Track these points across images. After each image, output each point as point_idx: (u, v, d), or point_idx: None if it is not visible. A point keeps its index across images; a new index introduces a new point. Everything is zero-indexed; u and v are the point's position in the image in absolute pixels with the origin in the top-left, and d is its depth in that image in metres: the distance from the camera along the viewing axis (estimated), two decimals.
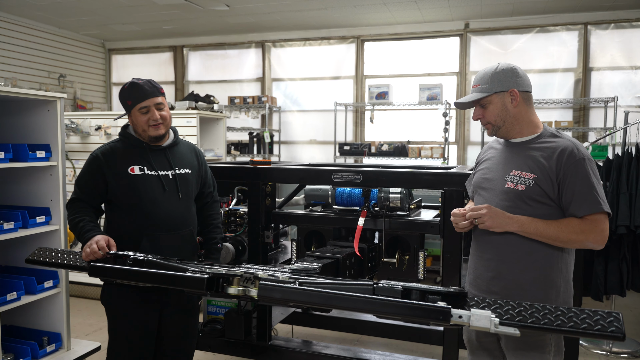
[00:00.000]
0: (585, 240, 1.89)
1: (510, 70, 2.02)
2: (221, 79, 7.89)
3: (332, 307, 1.58)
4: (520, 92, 2.01)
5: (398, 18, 6.58)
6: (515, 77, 2.01)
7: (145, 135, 2.39)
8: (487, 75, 2.03)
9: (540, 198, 1.92)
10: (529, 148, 2.00)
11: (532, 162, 1.95)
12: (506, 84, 2.00)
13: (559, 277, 1.97)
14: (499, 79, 2.00)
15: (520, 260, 1.96)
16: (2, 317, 3.11)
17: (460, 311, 1.51)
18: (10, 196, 3.30)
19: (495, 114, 2.02)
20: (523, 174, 1.95)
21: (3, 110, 3.35)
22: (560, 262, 1.96)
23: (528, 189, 1.92)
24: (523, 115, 2.02)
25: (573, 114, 6.33)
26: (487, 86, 2.01)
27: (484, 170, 2.13)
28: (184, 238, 2.45)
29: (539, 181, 1.91)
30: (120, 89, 2.43)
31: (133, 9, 6.39)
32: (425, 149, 6.31)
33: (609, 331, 1.44)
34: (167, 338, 2.47)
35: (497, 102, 2.01)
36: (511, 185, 1.96)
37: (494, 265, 2.02)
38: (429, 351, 3.86)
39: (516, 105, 2.00)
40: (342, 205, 3.08)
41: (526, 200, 1.93)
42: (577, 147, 1.92)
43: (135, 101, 2.35)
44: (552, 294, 1.96)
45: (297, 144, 7.54)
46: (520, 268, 1.96)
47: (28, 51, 7.04)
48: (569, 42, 6.32)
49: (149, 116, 2.36)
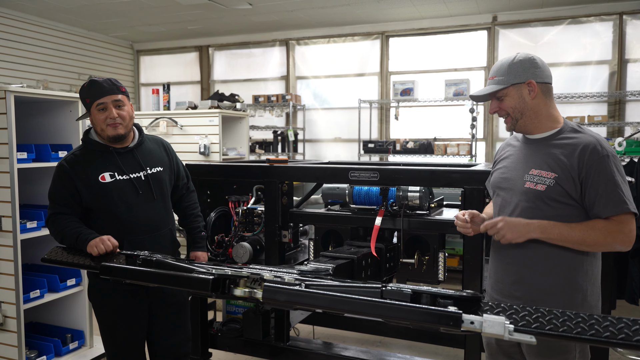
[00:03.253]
0: (612, 243, 1.79)
1: (528, 61, 1.91)
2: (246, 77, 7.90)
3: (337, 310, 1.52)
4: (539, 83, 1.90)
5: (423, 12, 6.44)
6: (533, 67, 1.90)
7: (104, 134, 2.33)
8: (503, 66, 1.93)
9: (562, 198, 1.82)
10: (549, 145, 1.89)
11: (552, 160, 1.85)
12: (523, 75, 1.90)
13: (584, 280, 1.86)
14: (516, 70, 1.90)
15: (542, 263, 1.86)
16: (26, 314, 3.17)
17: (472, 317, 1.42)
18: (33, 195, 3.37)
19: (512, 107, 1.93)
20: (543, 173, 1.85)
21: (26, 111, 3.42)
22: (585, 264, 1.86)
23: (549, 188, 1.83)
24: (542, 108, 1.92)
25: (608, 108, 6.07)
26: (503, 78, 1.92)
27: (503, 170, 2.04)
28: (164, 237, 2.45)
29: (560, 180, 1.81)
30: (81, 87, 2.37)
31: (158, 10, 6.46)
32: (452, 146, 6.17)
33: (634, 340, 1.33)
34: (158, 333, 2.48)
35: (514, 95, 1.91)
36: (531, 185, 1.87)
37: (514, 270, 1.93)
38: (454, 354, 3.76)
39: (534, 97, 1.90)
40: (360, 204, 3.01)
41: (547, 200, 1.83)
42: (600, 144, 1.81)
43: (92, 98, 2.29)
44: (578, 298, 1.86)
45: (321, 142, 7.49)
46: (542, 272, 1.87)
47: (59, 53, 7.21)
48: (603, 33, 6.06)
49: (107, 114, 2.29)
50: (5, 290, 3.02)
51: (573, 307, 1.84)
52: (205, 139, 4.81)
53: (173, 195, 2.60)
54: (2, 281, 3.02)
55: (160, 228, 2.45)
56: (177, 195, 2.63)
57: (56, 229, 2.31)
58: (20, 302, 3.01)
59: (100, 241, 2.20)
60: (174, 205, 2.63)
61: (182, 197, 2.67)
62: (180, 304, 2.56)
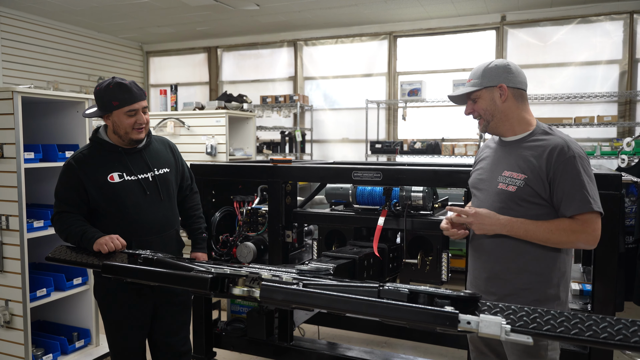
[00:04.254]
0: (576, 241, 1.87)
1: (502, 67, 2.00)
2: (254, 78, 7.93)
3: (334, 309, 1.52)
4: (510, 88, 1.98)
5: (431, 13, 6.42)
6: (506, 72, 1.98)
7: (127, 138, 2.35)
8: (479, 70, 2.02)
9: (532, 199, 1.89)
10: (521, 147, 1.97)
11: (523, 162, 1.92)
12: (496, 79, 1.98)
13: (557, 276, 1.94)
14: (490, 74, 1.99)
15: (515, 260, 1.94)
16: (33, 312, 3.21)
17: (468, 317, 1.42)
18: (40, 195, 3.40)
19: (484, 109, 2.01)
20: (514, 174, 1.93)
21: (33, 112, 3.46)
22: (558, 261, 1.93)
23: (519, 189, 1.90)
24: (513, 112, 1.99)
25: (618, 108, 6.00)
26: (477, 81, 2.01)
27: (480, 171, 2.12)
28: (170, 238, 2.48)
29: (530, 182, 1.88)
30: (101, 86, 2.34)
31: (167, 11, 6.51)
32: (459, 146, 6.14)
33: (632, 341, 1.32)
34: (160, 331, 2.51)
35: (486, 97, 2.00)
36: (503, 186, 1.94)
37: (489, 267, 2.01)
38: (459, 355, 3.74)
39: (504, 101, 1.98)
40: (363, 204, 3.00)
41: (518, 201, 1.91)
42: (567, 145, 1.88)
43: (123, 103, 2.30)
44: (551, 293, 1.93)
45: (329, 143, 7.49)
46: (516, 268, 1.94)
47: (69, 55, 7.29)
48: (613, 33, 5.99)
49: (136, 119, 2.33)
50: (12, 288, 3.05)
51: (546, 302, 1.91)
52: (212, 139, 4.83)
53: (177, 196, 2.62)
54: (9, 279, 3.06)
55: (167, 229, 2.48)
56: (180, 196, 2.65)
57: (61, 227, 2.33)
58: (26, 301, 3.04)
59: (109, 239, 2.22)
60: (177, 206, 2.65)
61: (186, 198, 2.68)
62: (184, 303, 2.58)
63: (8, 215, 3.04)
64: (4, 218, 3.04)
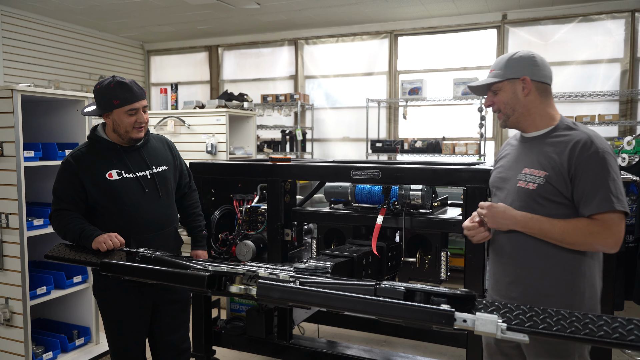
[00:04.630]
0: (593, 243, 1.74)
1: (527, 58, 1.89)
2: (255, 77, 7.93)
3: (330, 307, 1.52)
4: (534, 81, 1.88)
5: (432, 11, 6.41)
6: (531, 65, 1.88)
7: (127, 136, 2.37)
8: (502, 60, 1.93)
9: (554, 197, 1.78)
10: (543, 143, 1.87)
11: (544, 159, 1.82)
12: (519, 71, 1.88)
13: (582, 282, 1.81)
14: (513, 65, 1.89)
15: (538, 264, 1.83)
16: (33, 310, 3.21)
17: (464, 315, 1.42)
18: (39, 193, 3.41)
19: (504, 102, 1.91)
20: (534, 171, 1.83)
21: (33, 111, 3.46)
22: (583, 265, 1.81)
23: (539, 187, 1.80)
24: (537, 107, 1.89)
25: (619, 107, 5.99)
26: (500, 72, 1.91)
27: (500, 169, 2.03)
28: (169, 235, 2.48)
29: (551, 179, 1.78)
30: (102, 85, 2.35)
31: (167, 10, 6.51)
32: (460, 145, 6.13)
33: (628, 340, 1.31)
34: (160, 329, 2.52)
35: (507, 90, 1.90)
36: (522, 184, 1.85)
37: (511, 270, 1.91)
38: (459, 354, 3.73)
39: (527, 94, 1.88)
40: (362, 202, 3.00)
41: (538, 199, 1.80)
42: (591, 140, 1.76)
43: (124, 102, 2.31)
44: (576, 300, 1.81)
45: (330, 142, 7.49)
46: (538, 273, 1.83)
47: (70, 54, 7.29)
48: (614, 31, 5.98)
49: (137, 118, 2.34)
50: (12, 286, 3.06)
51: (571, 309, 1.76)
52: (212, 138, 4.83)
53: (175, 193, 2.63)
54: (9, 278, 3.07)
55: (166, 226, 2.49)
56: (179, 194, 2.66)
57: (59, 224, 2.34)
58: (26, 299, 3.05)
59: (108, 237, 2.23)
60: (176, 204, 2.65)
61: (184, 196, 2.69)
62: (184, 301, 2.59)
63: (8, 214, 3.05)
64: (4, 216, 3.05)
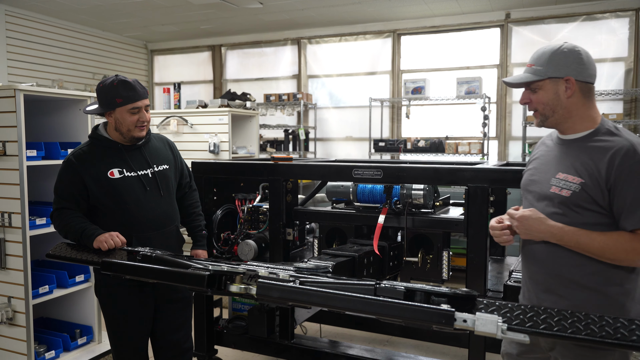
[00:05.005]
0: (636, 260, 1.62)
1: (573, 55, 1.72)
2: (258, 76, 7.93)
3: (330, 307, 1.52)
4: (579, 81, 1.72)
5: (435, 10, 6.40)
6: (576, 63, 1.71)
7: (129, 135, 2.38)
8: (545, 55, 1.74)
9: (589, 205, 1.66)
10: (580, 147, 1.73)
11: (580, 165, 1.68)
12: (564, 69, 1.71)
13: (621, 294, 1.68)
14: (557, 62, 1.72)
15: (569, 273, 1.71)
16: (36, 309, 3.22)
17: (464, 315, 1.41)
18: (42, 193, 3.42)
19: (544, 102, 1.76)
20: (569, 177, 1.69)
21: (35, 110, 3.47)
22: (618, 277, 1.67)
23: (574, 195, 1.67)
24: (579, 109, 1.74)
25: (624, 106, 5.96)
26: (541, 68, 1.74)
27: (532, 171, 1.90)
28: (170, 234, 2.48)
29: (586, 187, 1.65)
30: (105, 83, 2.37)
31: (171, 10, 6.51)
32: (463, 144, 6.11)
33: (630, 340, 1.31)
34: (162, 328, 2.52)
35: (548, 89, 1.74)
36: (556, 189, 1.72)
37: (541, 279, 1.79)
38: (461, 354, 3.72)
39: (570, 96, 1.72)
40: (364, 202, 3.00)
41: (572, 207, 1.68)
42: (634, 148, 1.61)
43: (127, 100, 2.33)
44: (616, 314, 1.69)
45: (333, 141, 7.49)
46: (569, 283, 1.72)
47: (74, 53, 7.32)
48: (618, 30, 5.95)
49: (139, 117, 2.35)
50: (14, 285, 3.07)
51: None
52: (215, 137, 4.84)
53: (176, 193, 2.63)
54: (12, 277, 3.08)
55: (167, 225, 2.49)
56: (179, 194, 2.67)
57: (61, 223, 2.34)
58: (29, 298, 3.05)
59: (109, 236, 2.23)
60: (177, 204, 2.65)
61: (185, 196, 2.69)
62: (185, 300, 2.59)
63: (10, 213, 3.05)
64: (7, 215, 3.06)
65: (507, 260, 3.36)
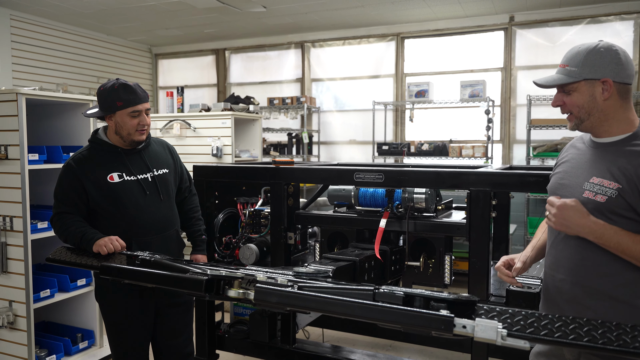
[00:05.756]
0: None
1: (610, 54, 1.62)
2: (261, 80, 7.94)
3: (328, 312, 1.50)
4: (617, 83, 1.62)
5: (438, 14, 6.38)
6: (614, 63, 1.61)
7: (129, 139, 2.38)
8: (579, 54, 1.64)
9: (625, 212, 1.57)
10: (617, 151, 1.63)
11: (618, 169, 1.59)
12: (600, 70, 1.61)
13: None
14: (593, 62, 1.62)
15: (598, 284, 1.63)
16: (37, 313, 3.22)
17: (464, 321, 1.39)
18: (44, 196, 3.42)
19: (579, 105, 1.66)
20: (605, 182, 1.60)
21: (38, 114, 3.48)
22: None
23: (609, 200, 1.58)
24: (616, 111, 1.65)
25: None
26: (576, 70, 1.64)
27: (561, 174, 1.79)
28: (170, 238, 2.47)
29: (624, 192, 1.56)
30: (106, 87, 2.38)
31: (174, 14, 6.53)
32: (467, 148, 6.08)
33: (632, 347, 1.28)
34: (163, 333, 2.51)
35: (584, 91, 1.65)
36: (590, 195, 1.62)
37: (567, 288, 1.70)
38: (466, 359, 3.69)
39: (607, 98, 1.63)
40: (365, 206, 2.98)
41: (607, 214, 1.59)
42: None
43: (127, 103, 2.33)
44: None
45: (336, 145, 7.47)
46: (597, 294, 1.64)
47: (78, 57, 7.34)
48: (623, 33, 5.91)
49: (139, 120, 2.35)
50: (15, 289, 3.07)
51: None
52: (217, 141, 4.84)
53: (176, 197, 2.62)
54: (13, 280, 3.08)
55: (167, 229, 2.48)
56: (179, 198, 2.66)
57: (60, 228, 2.34)
58: (30, 302, 3.05)
59: (109, 240, 2.22)
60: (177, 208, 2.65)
61: (185, 200, 2.69)
62: (186, 304, 2.58)
63: (12, 217, 3.06)
64: (8, 219, 3.07)
65: None
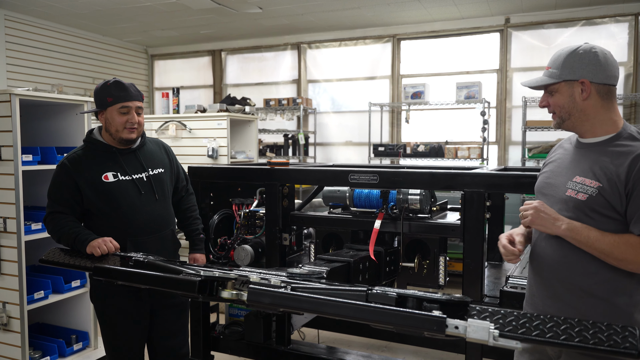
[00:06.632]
0: None
1: (588, 56, 1.67)
2: (258, 81, 7.94)
3: (320, 313, 1.50)
4: (595, 84, 1.67)
5: (434, 15, 6.40)
6: (592, 65, 1.66)
7: (117, 136, 2.36)
8: (560, 57, 1.72)
9: (604, 210, 1.62)
10: (600, 151, 1.69)
11: (599, 169, 1.65)
12: (578, 71, 1.67)
13: (629, 304, 1.63)
14: (571, 64, 1.68)
15: (578, 281, 1.68)
16: (31, 315, 3.20)
17: (456, 321, 1.39)
18: (38, 198, 3.41)
19: (560, 105, 1.73)
20: (587, 181, 1.66)
21: (31, 115, 3.47)
22: (629, 287, 1.63)
23: (590, 199, 1.63)
24: (596, 112, 1.70)
25: (623, 111, 5.94)
26: (556, 71, 1.71)
27: (547, 174, 1.86)
28: (166, 238, 2.46)
29: (604, 191, 1.61)
30: (100, 85, 2.39)
31: (170, 15, 6.53)
32: (463, 149, 6.10)
33: (622, 347, 1.29)
34: (158, 334, 2.50)
35: (564, 92, 1.71)
36: (572, 193, 1.68)
37: (549, 285, 1.76)
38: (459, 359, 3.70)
39: (586, 98, 1.68)
40: (360, 207, 2.98)
41: (587, 212, 1.64)
42: None
43: (117, 99, 2.32)
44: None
45: (332, 146, 7.48)
46: (578, 291, 1.68)
47: (74, 58, 7.34)
48: (618, 35, 5.94)
49: (128, 117, 2.34)
50: (9, 291, 3.05)
51: None
52: (213, 142, 4.83)
53: (172, 197, 2.62)
54: (7, 282, 3.06)
55: (163, 229, 2.47)
56: (176, 198, 2.65)
57: (54, 228, 2.33)
58: (24, 303, 3.04)
59: (102, 242, 2.21)
60: (173, 208, 2.64)
61: (181, 200, 2.68)
62: (181, 305, 2.57)
63: (6, 218, 3.05)
64: (2, 220, 3.05)
65: (504, 266, 3.34)
